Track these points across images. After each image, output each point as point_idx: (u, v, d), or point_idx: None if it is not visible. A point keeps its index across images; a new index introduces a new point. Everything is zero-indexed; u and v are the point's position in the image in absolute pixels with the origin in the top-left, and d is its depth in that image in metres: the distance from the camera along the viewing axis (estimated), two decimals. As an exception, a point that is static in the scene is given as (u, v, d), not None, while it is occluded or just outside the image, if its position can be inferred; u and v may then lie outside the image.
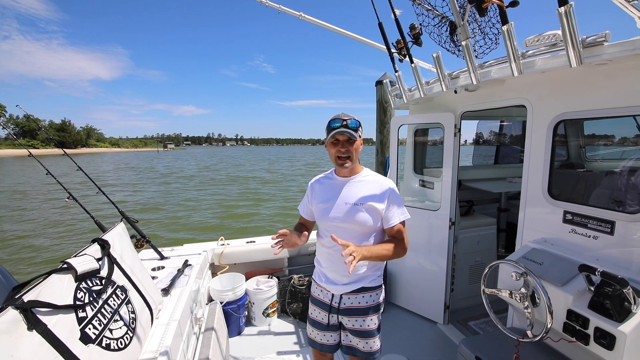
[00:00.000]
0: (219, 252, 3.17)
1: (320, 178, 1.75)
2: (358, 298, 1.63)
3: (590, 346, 1.34)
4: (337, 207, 1.58)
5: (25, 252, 7.44)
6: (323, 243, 1.68)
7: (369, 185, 1.60)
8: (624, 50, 1.40)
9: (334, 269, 1.64)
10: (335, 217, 1.58)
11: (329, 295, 1.67)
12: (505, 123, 4.51)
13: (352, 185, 1.61)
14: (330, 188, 1.65)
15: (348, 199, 1.57)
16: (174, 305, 1.89)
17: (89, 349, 1.11)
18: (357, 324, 1.64)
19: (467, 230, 3.16)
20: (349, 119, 1.51)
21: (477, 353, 1.75)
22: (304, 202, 1.79)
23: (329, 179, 1.70)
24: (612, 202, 1.77)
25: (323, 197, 1.65)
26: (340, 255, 1.54)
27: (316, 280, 1.75)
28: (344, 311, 1.65)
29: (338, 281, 1.63)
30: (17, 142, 2.75)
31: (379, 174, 1.67)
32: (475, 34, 2.04)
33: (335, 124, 1.51)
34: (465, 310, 3.17)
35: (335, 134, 1.50)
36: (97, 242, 1.50)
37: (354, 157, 1.56)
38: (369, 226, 1.56)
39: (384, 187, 1.59)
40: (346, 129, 1.49)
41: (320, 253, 1.73)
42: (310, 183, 1.77)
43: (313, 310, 1.77)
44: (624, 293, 1.26)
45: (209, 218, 11.10)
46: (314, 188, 1.73)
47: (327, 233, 1.60)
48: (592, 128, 3.18)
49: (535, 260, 1.73)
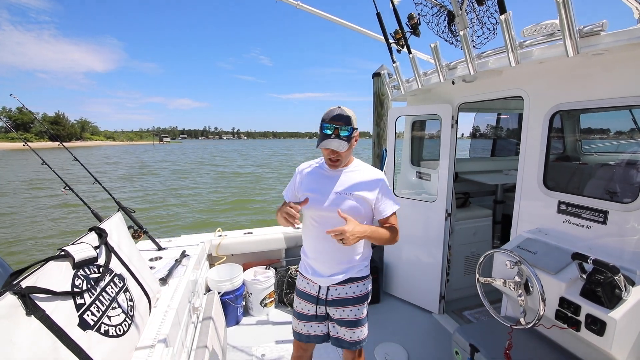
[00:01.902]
0: (216, 243, 3.18)
1: (311, 165, 1.69)
2: (345, 289, 1.62)
3: (581, 332, 1.37)
4: (326, 197, 1.55)
5: (21, 243, 7.42)
6: (309, 234, 1.65)
7: (360, 176, 1.59)
8: (621, 40, 1.40)
9: (321, 259, 1.61)
10: (323, 207, 1.55)
11: (316, 287, 1.65)
12: (502, 116, 4.52)
13: (342, 176, 1.59)
14: (319, 176, 1.62)
15: (338, 189, 1.55)
16: (171, 294, 1.90)
17: (88, 334, 1.12)
18: (345, 314, 1.63)
19: (463, 221, 3.19)
20: (341, 127, 1.44)
21: (471, 340, 1.78)
22: (289, 188, 1.73)
23: (319, 168, 1.66)
24: (606, 192, 1.80)
25: (312, 185, 1.60)
26: (327, 246, 1.55)
27: (302, 273, 1.72)
28: (331, 302, 1.63)
29: (325, 273, 1.61)
30: (10, 136, 2.71)
31: (370, 165, 1.65)
32: (474, 24, 2.03)
33: (327, 130, 1.45)
34: (461, 301, 3.22)
35: (325, 148, 1.46)
36: (94, 231, 1.50)
37: (346, 158, 1.55)
38: (358, 216, 1.53)
39: (374, 178, 1.58)
40: (335, 142, 1.43)
41: (305, 244, 1.70)
42: (298, 169, 1.71)
43: (299, 303, 1.73)
44: (615, 280, 1.29)
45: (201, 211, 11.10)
46: (302, 175, 1.67)
47: (314, 223, 1.58)
48: (588, 121, 3.20)
49: (529, 249, 1.75)
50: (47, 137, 2.89)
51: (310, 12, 2.63)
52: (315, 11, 2.67)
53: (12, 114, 69.03)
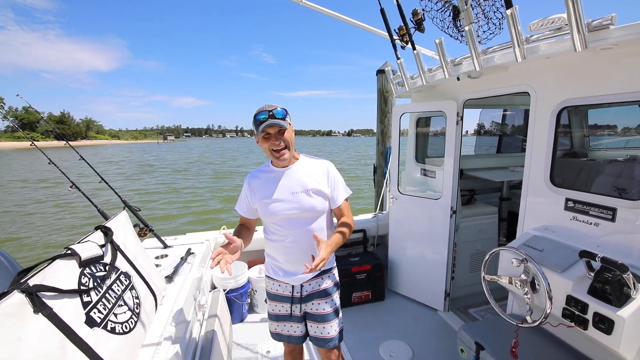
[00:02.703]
0: (221, 241, 3.19)
1: (256, 173, 1.63)
2: (318, 281, 1.66)
3: (588, 331, 1.35)
4: (284, 199, 1.52)
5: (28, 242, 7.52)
6: (274, 238, 1.61)
7: (310, 170, 1.57)
8: (630, 34, 1.37)
9: (292, 260, 1.60)
10: (283, 209, 1.52)
11: (289, 287, 1.66)
12: (508, 112, 4.47)
13: (292, 173, 1.55)
14: (270, 181, 1.57)
15: (293, 188, 1.53)
16: (177, 291, 1.91)
17: (95, 332, 1.13)
18: (320, 307, 1.65)
19: (468, 219, 3.17)
20: (274, 109, 1.43)
21: (477, 338, 1.77)
22: (241, 201, 1.66)
23: (267, 172, 1.60)
24: (615, 189, 1.77)
25: (265, 192, 1.55)
26: (297, 246, 1.55)
27: (272, 277, 1.70)
28: (306, 298, 1.65)
29: (297, 271, 1.61)
30: (16, 135, 2.74)
31: (314, 157, 1.64)
32: (479, 19, 2.01)
33: (261, 116, 1.43)
34: (466, 298, 3.20)
35: (265, 128, 1.42)
36: (100, 230, 1.52)
37: (291, 146, 1.50)
38: (318, 210, 1.54)
39: (323, 169, 1.58)
40: (274, 120, 1.41)
41: (272, 248, 1.66)
42: (246, 180, 1.64)
43: (274, 306, 1.72)
44: (624, 278, 1.27)
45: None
46: (252, 184, 1.60)
47: (278, 227, 1.56)
48: (596, 118, 3.15)
49: (535, 247, 1.74)
50: (52, 136, 2.93)
51: (314, 9, 2.62)
52: (319, 8, 2.66)
53: (19, 114, 69.80)
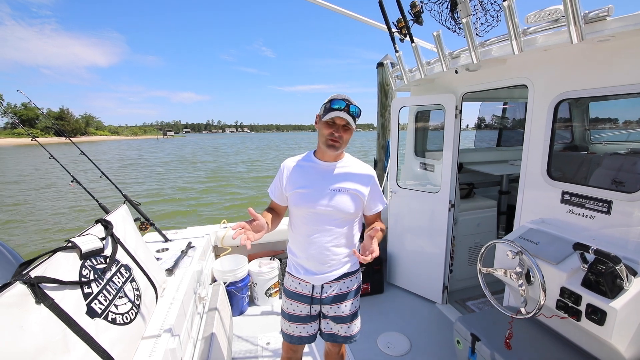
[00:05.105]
0: (221, 235, 3.23)
1: (298, 161, 1.56)
2: (339, 284, 1.58)
3: (581, 322, 1.37)
4: (321, 193, 1.46)
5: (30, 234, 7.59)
6: (298, 232, 1.55)
7: (354, 172, 1.52)
8: (627, 25, 1.37)
9: (314, 258, 1.52)
10: (317, 204, 1.45)
11: (309, 286, 1.58)
12: (508, 106, 4.45)
13: (335, 170, 1.50)
14: (310, 172, 1.51)
15: (333, 185, 1.47)
16: (177, 284, 1.94)
17: (95, 322, 1.15)
18: (340, 310, 1.58)
19: (467, 212, 3.19)
20: (352, 104, 1.37)
21: (472, 330, 1.79)
22: (275, 185, 1.59)
23: (310, 162, 1.53)
24: (612, 182, 1.77)
25: (303, 181, 1.49)
26: (320, 244, 1.49)
27: (292, 273, 1.62)
28: (327, 300, 1.57)
29: (318, 271, 1.54)
30: (16, 131, 2.76)
31: (359, 160, 1.59)
32: (477, 11, 2.00)
33: (337, 104, 1.36)
34: (464, 291, 3.24)
35: (335, 117, 1.36)
36: (100, 223, 1.54)
37: (345, 144, 1.45)
38: (351, 213, 1.49)
39: (367, 174, 1.55)
40: (347, 115, 1.35)
41: (294, 242, 1.60)
42: (284, 165, 1.56)
43: (290, 304, 1.62)
44: (617, 270, 1.28)
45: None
46: (291, 171, 1.53)
47: (305, 220, 1.50)
48: (597, 110, 3.14)
49: (531, 239, 1.75)
50: (52, 132, 2.94)
51: (315, 3, 2.60)
52: (319, 1, 2.64)
53: (18, 110, 69.60)
